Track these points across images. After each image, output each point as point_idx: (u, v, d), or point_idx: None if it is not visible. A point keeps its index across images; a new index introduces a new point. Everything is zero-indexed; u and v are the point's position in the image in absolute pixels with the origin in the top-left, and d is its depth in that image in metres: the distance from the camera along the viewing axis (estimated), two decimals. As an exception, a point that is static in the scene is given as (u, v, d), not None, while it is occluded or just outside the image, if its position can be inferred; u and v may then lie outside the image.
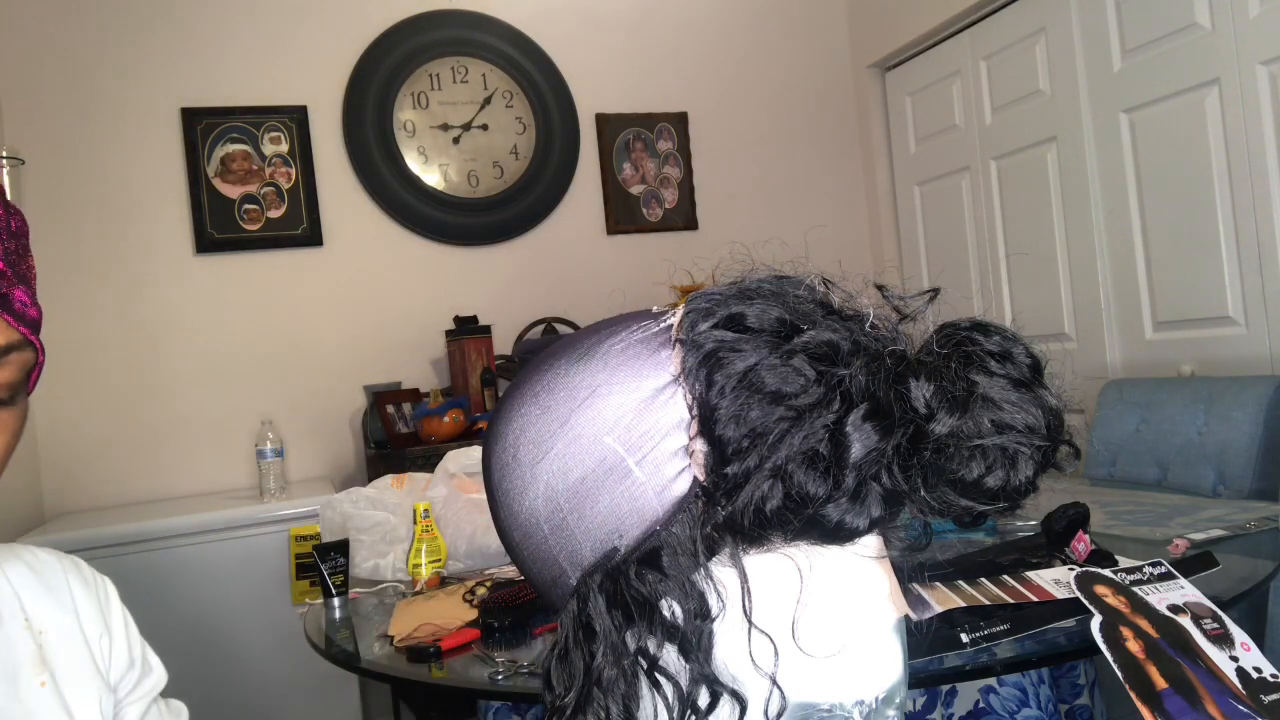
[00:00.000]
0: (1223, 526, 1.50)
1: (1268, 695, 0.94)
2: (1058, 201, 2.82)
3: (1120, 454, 2.22)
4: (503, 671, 1.19)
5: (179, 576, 2.33)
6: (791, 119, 3.56)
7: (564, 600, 0.47)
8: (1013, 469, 0.42)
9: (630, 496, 0.44)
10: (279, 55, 2.95)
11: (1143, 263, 2.57)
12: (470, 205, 3.12)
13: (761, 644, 0.43)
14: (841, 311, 0.46)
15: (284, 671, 2.37)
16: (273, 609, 2.39)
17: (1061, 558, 1.31)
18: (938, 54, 3.26)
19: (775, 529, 0.42)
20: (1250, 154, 2.23)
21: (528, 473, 0.47)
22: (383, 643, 1.41)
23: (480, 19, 3.14)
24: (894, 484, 0.41)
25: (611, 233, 3.31)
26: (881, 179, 3.60)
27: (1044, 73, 2.81)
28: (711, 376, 0.43)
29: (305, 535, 2.28)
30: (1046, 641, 1.08)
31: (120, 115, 2.79)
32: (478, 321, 2.94)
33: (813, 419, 0.41)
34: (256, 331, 2.89)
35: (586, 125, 3.29)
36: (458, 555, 1.76)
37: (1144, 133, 2.53)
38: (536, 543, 0.48)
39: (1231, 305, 2.32)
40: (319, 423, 2.96)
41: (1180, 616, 1.03)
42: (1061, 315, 2.83)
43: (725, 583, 0.44)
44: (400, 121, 3.06)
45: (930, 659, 1.06)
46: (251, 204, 2.89)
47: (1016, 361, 0.43)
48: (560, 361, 0.49)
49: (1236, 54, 2.24)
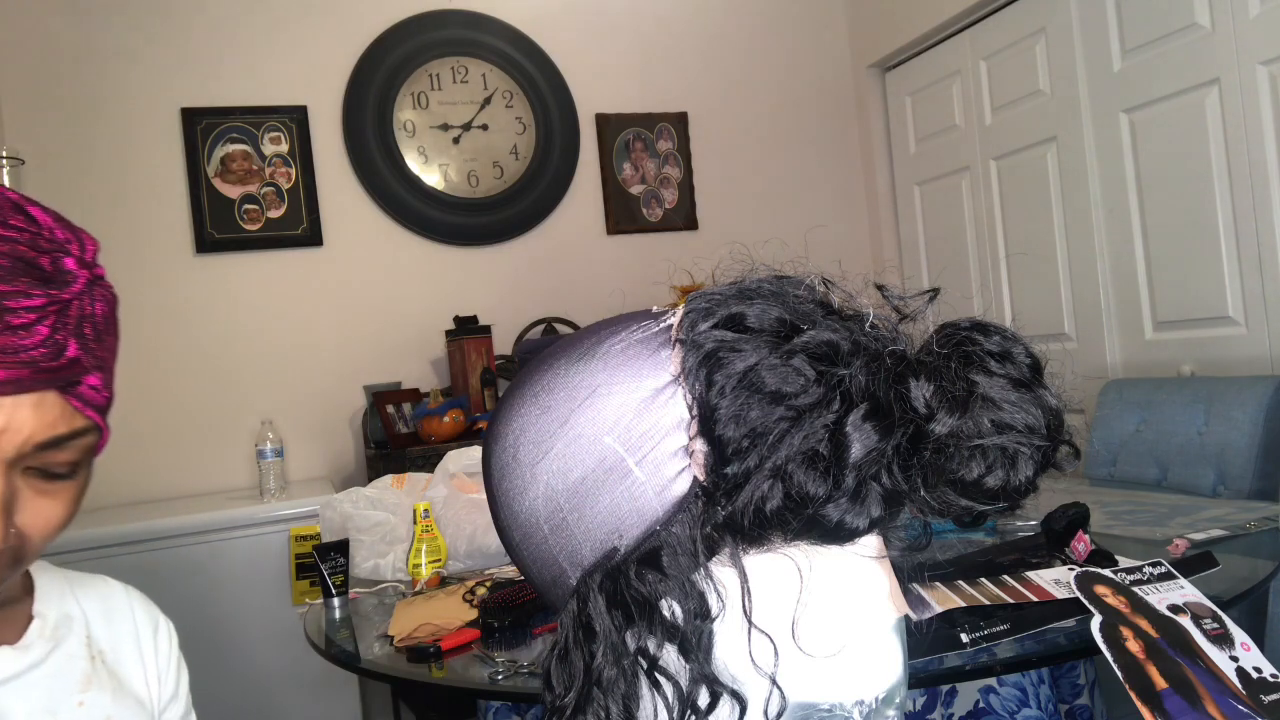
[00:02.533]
0: (1223, 526, 1.50)
1: (1268, 695, 0.94)
2: (1058, 201, 2.82)
3: (1120, 454, 2.22)
4: (503, 671, 1.19)
5: (179, 576, 2.33)
6: (791, 119, 3.56)
7: (564, 600, 0.47)
8: (1013, 469, 0.42)
9: (630, 496, 0.44)
10: (279, 55, 2.95)
11: (1143, 263, 2.57)
12: (470, 205, 3.12)
13: (761, 644, 0.43)
14: (841, 311, 0.46)
15: (284, 671, 2.37)
16: (273, 609, 2.39)
17: (1061, 558, 1.31)
18: (938, 54, 3.26)
19: (775, 529, 0.42)
20: (1250, 154, 2.23)
21: (528, 473, 0.47)
22: (383, 643, 1.41)
23: (480, 19, 3.14)
24: (894, 484, 0.41)
25: (611, 233, 3.31)
26: (881, 179, 3.60)
27: (1044, 73, 2.81)
28: (711, 376, 0.43)
29: (305, 535, 2.28)
30: (1046, 641, 1.08)
31: (120, 115, 2.79)
32: (478, 321, 2.94)
33: (813, 419, 0.41)
34: (256, 331, 2.89)
35: (586, 125, 3.29)
36: (458, 555, 1.76)
37: (1144, 133, 2.53)
38: (536, 543, 0.48)
39: (1231, 305, 2.32)
40: (319, 423, 2.96)
41: (1180, 616, 1.03)
42: (1061, 315, 2.83)
43: (725, 583, 0.44)
44: (400, 121, 3.06)
45: (930, 659, 1.06)
46: (251, 204, 2.89)
47: (1016, 361, 0.43)
48: (560, 361, 0.49)
49: (1236, 54, 2.24)
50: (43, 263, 0.51)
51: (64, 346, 0.51)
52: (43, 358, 0.50)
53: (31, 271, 0.50)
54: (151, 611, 0.76)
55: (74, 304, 0.52)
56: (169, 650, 0.76)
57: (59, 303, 0.51)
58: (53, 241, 0.52)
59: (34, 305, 0.49)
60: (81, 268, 0.53)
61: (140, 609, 0.75)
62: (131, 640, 0.73)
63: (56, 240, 0.53)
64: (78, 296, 0.53)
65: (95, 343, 0.54)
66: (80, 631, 0.69)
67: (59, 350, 0.51)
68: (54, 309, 0.51)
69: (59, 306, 0.51)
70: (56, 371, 0.50)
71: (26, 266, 0.50)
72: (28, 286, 0.49)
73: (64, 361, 0.51)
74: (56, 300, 0.51)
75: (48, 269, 0.51)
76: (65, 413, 0.53)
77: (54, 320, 0.51)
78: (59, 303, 0.51)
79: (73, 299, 0.52)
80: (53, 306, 0.51)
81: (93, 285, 0.54)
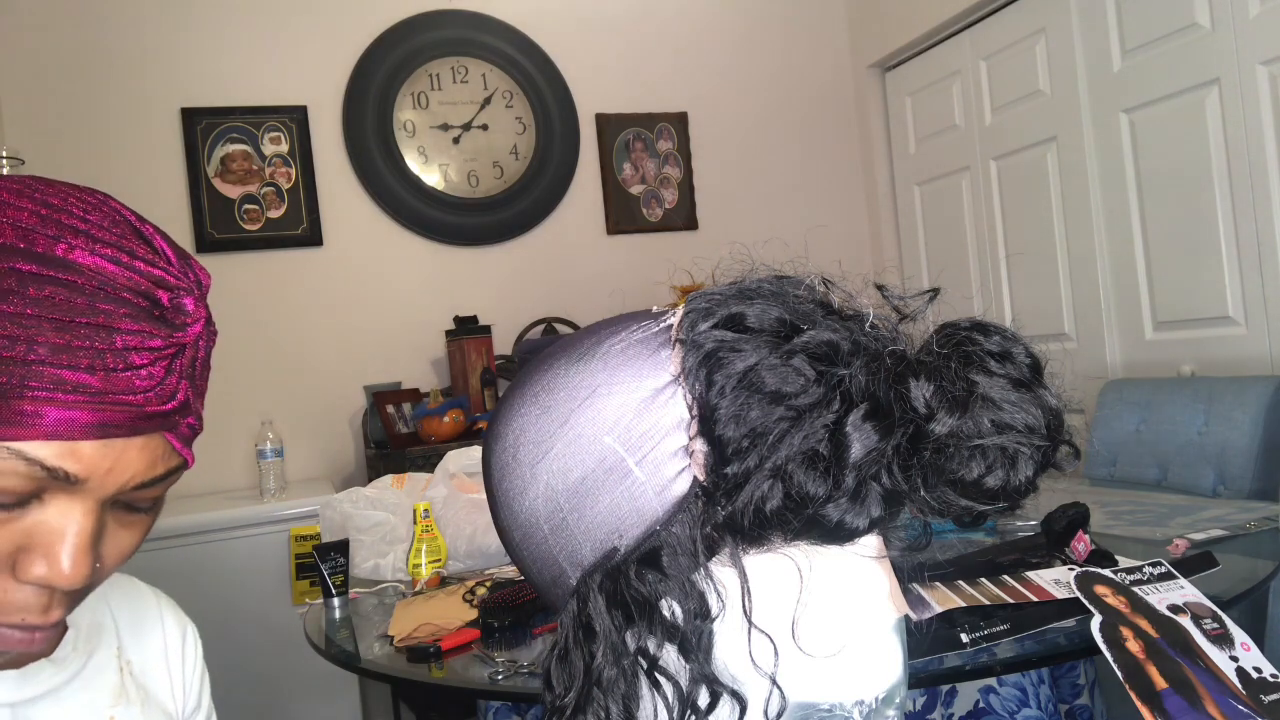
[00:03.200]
0: (1223, 526, 1.50)
1: (1268, 695, 0.94)
2: (1058, 201, 2.82)
3: (1120, 454, 2.22)
4: (503, 671, 1.19)
5: (179, 576, 2.33)
6: (792, 119, 3.56)
7: (564, 600, 0.47)
8: (1013, 469, 0.42)
9: (630, 496, 0.44)
10: (279, 55, 2.95)
11: (1143, 263, 2.57)
12: (470, 205, 3.12)
13: (761, 644, 0.43)
14: (841, 311, 0.46)
15: (284, 671, 2.37)
16: (273, 609, 2.39)
17: (1061, 558, 1.31)
18: (938, 54, 3.26)
19: (775, 529, 0.42)
20: (1250, 154, 2.23)
21: (528, 473, 0.47)
22: (383, 643, 1.41)
23: (480, 19, 3.14)
24: (894, 484, 0.41)
25: (611, 233, 3.31)
26: (881, 179, 3.60)
27: (1044, 73, 2.81)
28: (711, 376, 0.43)
29: (305, 535, 2.28)
30: (1046, 641, 1.08)
31: (120, 115, 2.79)
32: (478, 321, 2.94)
33: (813, 419, 0.41)
34: (256, 331, 2.89)
35: (586, 125, 3.29)
36: (458, 555, 1.76)
37: (1144, 133, 2.53)
38: (536, 542, 0.48)
39: (1231, 305, 2.32)
40: (319, 423, 2.96)
41: (1180, 616, 1.03)
42: (1061, 315, 2.83)
43: (725, 583, 0.44)
44: (400, 121, 3.06)
45: (930, 659, 1.06)
46: (251, 204, 2.89)
47: (1016, 361, 0.43)
48: (560, 361, 0.49)
49: (1236, 54, 2.24)
50: (162, 298, 0.49)
51: (176, 390, 0.49)
52: (156, 400, 0.48)
53: (152, 311, 0.48)
54: (180, 619, 0.75)
55: (189, 346, 0.51)
56: (195, 660, 0.75)
57: (177, 346, 0.49)
58: (173, 275, 0.50)
59: (154, 347, 0.48)
60: (199, 306, 0.51)
61: (170, 617, 0.74)
62: (159, 651, 0.71)
63: (175, 273, 0.50)
64: (195, 340, 0.51)
65: (201, 380, 0.53)
66: (111, 642, 0.68)
67: (172, 393, 0.49)
68: (170, 352, 0.49)
69: (175, 350, 0.49)
70: (168, 415, 0.49)
71: (150, 304, 0.48)
72: (150, 327, 0.48)
73: (175, 405, 0.50)
74: (176, 344, 0.49)
75: (166, 305, 0.49)
76: (165, 452, 0.51)
77: (170, 363, 0.49)
78: (177, 346, 0.49)
79: (190, 342, 0.50)
80: (169, 350, 0.49)
81: (208, 326, 0.52)
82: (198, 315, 0.50)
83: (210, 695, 0.77)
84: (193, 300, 0.50)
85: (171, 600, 0.76)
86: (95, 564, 0.50)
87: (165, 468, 0.51)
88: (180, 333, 0.49)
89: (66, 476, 0.46)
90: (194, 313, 0.50)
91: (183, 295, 0.50)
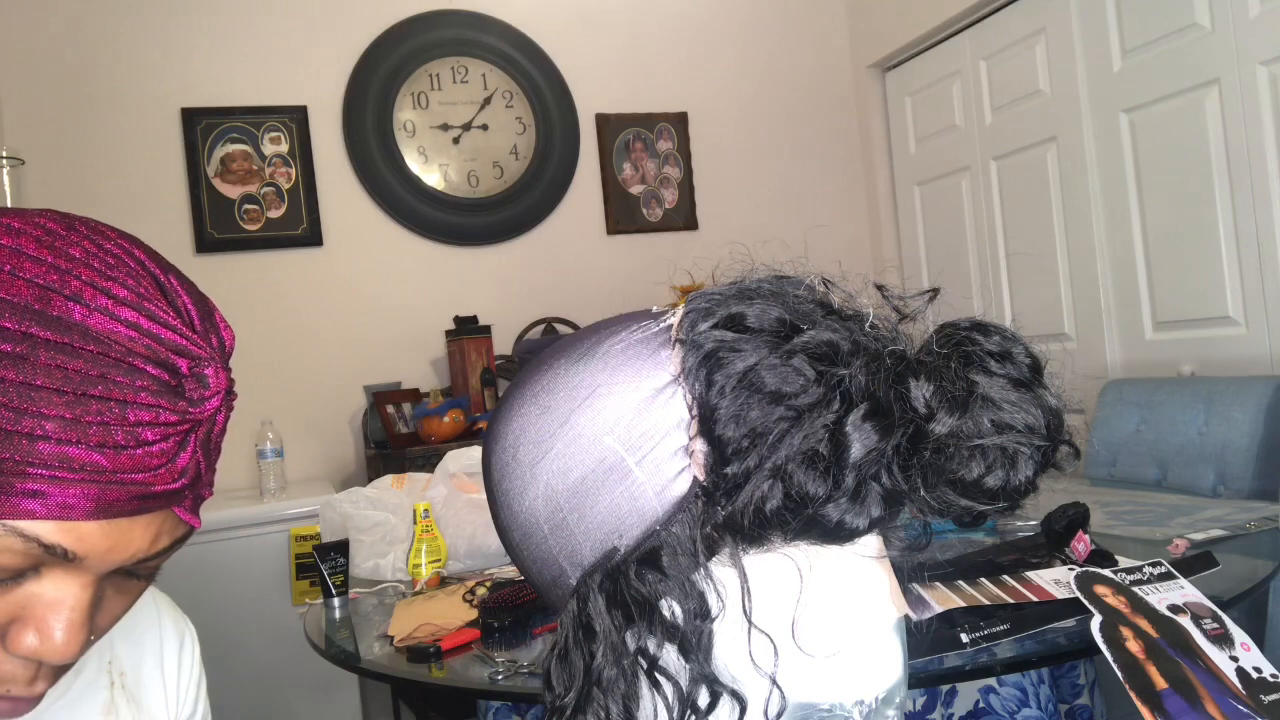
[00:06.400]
0: (1223, 526, 1.50)
1: (1268, 695, 0.94)
2: (1058, 201, 2.82)
3: (1120, 454, 2.22)
4: (503, 671, 1.19)
5: (179, 576, 2.32)
6: (791, 119, 3.56)
7: (564, 600, 0.47)
8: (1013, 469, 0.42)
9: (630, 496, 0.44)
10: (279, 55, 2.95)
11: (1143, 263, 2.57)
12: (470, 205, 3.12)
13: (761, 644, 0.43)
14: (841, 311, 0.46)
15: (284, 671, 2.37)
16: (273, 609, 2.39)
17: (1061, 558, 1.31)
18: (938, 54, 3.26)
19: (775, 529, 0.42)
20: (1250, 154, 2.23)
21: (528, 473, 0.47)
22: (383, 643, 1.41)
23: (480, 19, 3.14)
24: (894, 484, 0.41)
25: (611, 233, 3.31)
26: (881, 179, 3.60)
27: (1044, 73, 2.81)
28: (711, 376, 0.43)
29: (305, 535, 2.28)
30: (1046, 641, 1.08)
31: (120, 115, 2.79)
32: (478, 321, 2.94)
33: (813, 419, 0.41)
34: (256, 331, 2.89)
35: (586, 125, 3.29)
36: (458, 555, 1.76)
37: (1144, 133, 2.53)
38: (536, 542, 0.48)
39: (1231, 305, 2.32)
40: (319, 423, 2.96)
41: (1180, 616, 1.03)
42: (1061, 315, 2.83)
43: (725, 582, 0.44)
44: (400, 121, 3.06)
45: (930, 659, 1.06)
46: (251, 204, 2.89)
47: (1016, 361, 0.43)
48: (560, 361, 0.49)
49: (1236, 54, 2.24)
50: (181, 367, 0.45)
51: (188, 467, 0.46)
52: (166, 478, 0.45)
53: (170, 382, 0.45)
54: (179, 622, 0.73)
55: (205, 421, 0.47)
56: (191, 665, 0.72)
57: (193, 422, 0.46)
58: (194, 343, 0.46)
59: (168, 422, 0.44)
60: (219, 374, 0.47)
61: (168, 620, 0.72)
62: (155, 658, 0.69)
63: (197, 340, 0.46)
64: (213, 414, 0.47)
65: (215, 451, 0.50)
66: (102, 654, 0.65)
67: (183, 470, 0.46)
68: (185, 428, 0.45)
69: (191, 425, 0.46)
70: (176, 493, 0.46)
71: (168, 375, 0.45)
72: (166, 402, 0.44)
73: (187, 481, 0.46)
74: (193, 421, 0.46)
75: (185, 374, 0.45)
76: (170, 524, 0.48)
77: (183, 438, 0.46)
78: (193, 422, 0.46)
79: (207, 418, 0.47)
80: (184, 425, 0.45)
81: (228, 394, 0.48)
82: (218, 386, 0.47)
83: (207, 698, 0.75)
84: (213, 369, 0.47)
85: (170, 600, 0.74)
86: (89, 637, 0.48)
87: (170, 540, 0.49)
88: (197, 408, 0.46)
89: (65, 554, 0.44)
90: (214, 384, 0.47)
91: (204, 365, 0.46)
